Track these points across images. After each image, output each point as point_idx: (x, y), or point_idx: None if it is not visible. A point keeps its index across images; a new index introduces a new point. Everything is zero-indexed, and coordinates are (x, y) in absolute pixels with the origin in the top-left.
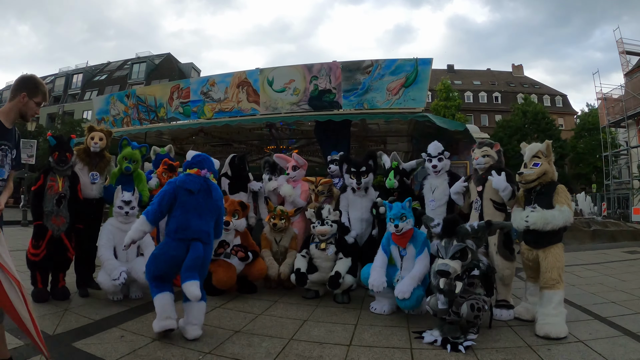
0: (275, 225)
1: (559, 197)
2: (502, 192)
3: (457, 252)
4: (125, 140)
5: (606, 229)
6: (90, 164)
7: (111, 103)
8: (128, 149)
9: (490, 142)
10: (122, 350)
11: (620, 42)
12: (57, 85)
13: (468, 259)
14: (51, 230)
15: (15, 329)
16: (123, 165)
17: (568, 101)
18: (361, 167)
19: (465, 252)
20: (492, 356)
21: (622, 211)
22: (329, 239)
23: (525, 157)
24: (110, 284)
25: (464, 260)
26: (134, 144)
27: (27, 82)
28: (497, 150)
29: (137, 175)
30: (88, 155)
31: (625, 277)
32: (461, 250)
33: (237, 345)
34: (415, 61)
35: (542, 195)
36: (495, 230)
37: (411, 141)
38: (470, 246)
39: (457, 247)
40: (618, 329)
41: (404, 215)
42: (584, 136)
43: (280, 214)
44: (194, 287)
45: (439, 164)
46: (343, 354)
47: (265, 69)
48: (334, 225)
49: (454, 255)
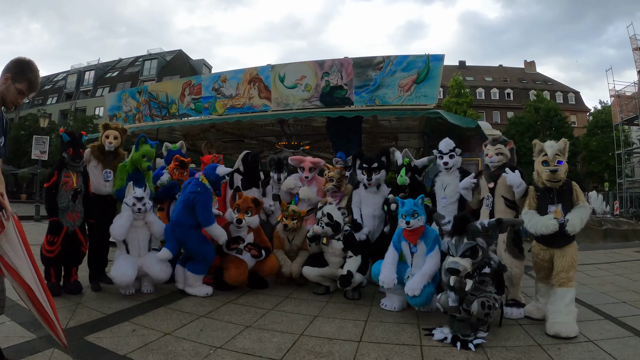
0: (286, 226)
1: (578, 194)
2: (517, 189)
3: (467, 250)
4: (144, 137)
5: (618, 228)
6: (104, 161)
7: (123, 100)
8: (147, 147)
9: (505, 140)
10: (133, 344)
11: (634, 38)
12: (69, 82)
13: (479, 257)
14: (67, 227)
15: (28, 322)
16: (144, 164)
17: (581, 98)
18: (373, 163)
19: (475, 250)
20: (502, 354)
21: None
22: (322, 238)
23: (549, 155)
24: (124, 279)
25: (474, 258)
26: (151, 142)
27: (15, 64)
28: (510, 148)
29: (146, 172)
30: (102, 153)
31: (636, 277)
32: (471, 248)
33: (248, 340)
34: (427, 57)
35: (563, 193)
36: (506, 228)
37: (422, 138)
38: (480, 244)
39: (467, 245)
40: (629, 330)
41: (416, 212)
42: (597, 134)
43: (292, 214)
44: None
45: (450, 160)
46: (353, 349)
47: (276, 65)
48: (326, 228)
49: (464, 253)
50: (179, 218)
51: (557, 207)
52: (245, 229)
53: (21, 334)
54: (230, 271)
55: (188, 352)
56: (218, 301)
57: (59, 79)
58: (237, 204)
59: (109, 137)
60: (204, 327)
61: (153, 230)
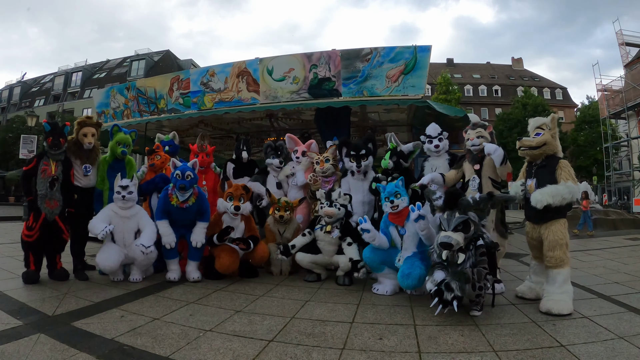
0: (282, 218)
1: (562, 172)
2: (494, 154)
3: (459, 225)
4: (116, 127)
5: (607, 217)
6: (81, 156)
7: (111, 96)
8: (121, 134)
9: (484, 124)
10: (121, 329)
11: (620, 33)
12: (57, 83)
13: (471, 231)
14: (45, 213)
15: (14, 310)
16: (118, 150)
17: (568, 94)
18: (361, 150)
19: (467, 224)
20: (497, 331)
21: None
22: (335, 222)
23: (529, 128)
24: (109, 264)
25: (466, 232)
26: (124, 130)
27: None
28: (489, 132)
29: (128, 161)
30: (79, 148)
31: (627, 260)
32: (463, 222)
33: (238, 323)
34: (414, 48)
35: (544, 168)
36: (498, 203)
37: (411, 131)
38: (472, 218)
39: (459, 219)
40: (623, 306)
41: (398, 192)
42: (584, 129)
43: (285, 206)
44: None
45: (440, 144)
46: (346, 330)
47: (264, 58)
48: (342, 209)
49: (457, 227)
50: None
51: (532, 181)
52: (239, 217)
53: (6, 320)
54: (221, 259)
55: (177, 335)
56: (208, 289)
57: (46, 80)
58: (230, 191)
59: (87, 136)
60: (194, 313)
61: (138, 221)
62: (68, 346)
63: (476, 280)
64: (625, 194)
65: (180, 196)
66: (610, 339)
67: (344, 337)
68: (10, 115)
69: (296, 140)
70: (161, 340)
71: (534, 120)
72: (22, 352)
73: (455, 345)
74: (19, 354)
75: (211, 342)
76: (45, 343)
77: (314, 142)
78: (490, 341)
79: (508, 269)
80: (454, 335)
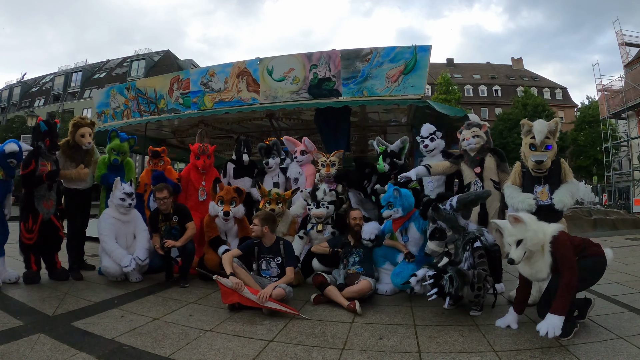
0: (273, 211)
1: (566, 172)
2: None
3: (435, 233)
4: (114, 132)
5: (608, 217)
6: (75, 158)
7: (111, 96)
8: (116, 142)
9: (479, 123)
10: (121, 329)
11: (620, 33)
12: (57, 83)
13: (447, 236)
14: (42, 214)
15: (14, 310)
16: (111, 157)
17: (568, 94)
18: (363, 182)
19: (441, 231)
20: (497, 331)
21: (623, 202)
22: (325, 220)
23: (537, 140)
24: (118, 269)
25: (442, 239)
26: (123, 135)
27: None
28: (485, 131)
29: (126, 163)
30: (75, 150)
31: (627, 260)
32: (438, 230)
33: (239, 323)
34: (414, 48)
35: (552, 173)
36: (472, 203)
37: (412, 131)
38: (440, 226)
39: (431, 229)
40: (623, 306)
41: (390, 203)
42: (584, 129)
43: (276, 198)
44: None
45: (431, 143)
46: (346, 330)
47: (264, 58)
48: (330, 207)
49: (433, 236)
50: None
51: (543, 187)
52: (231, 220)
53: (7, 320)
54: (210, 254)
55: (177, 335)
56: (208, 289)
57: (45, 81)
58: (220, 195)
59: (85, 137)
60: (194, 313)
61: (135, 226)
62: (68, 346)
63: (475, 281)
64: (625, 194)
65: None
66: (610, 339)
67: (344, 337)
68: (10, 115)
69: (294, 141)
70: (161, 340)
71: (540, 125)
72: (22, 352)
73: (455, 345)
74: (19, 354)
75: (211, 342)
76: (45, 343)
77: (306, 138)
78: (490, 341)
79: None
80: (454, 335)
